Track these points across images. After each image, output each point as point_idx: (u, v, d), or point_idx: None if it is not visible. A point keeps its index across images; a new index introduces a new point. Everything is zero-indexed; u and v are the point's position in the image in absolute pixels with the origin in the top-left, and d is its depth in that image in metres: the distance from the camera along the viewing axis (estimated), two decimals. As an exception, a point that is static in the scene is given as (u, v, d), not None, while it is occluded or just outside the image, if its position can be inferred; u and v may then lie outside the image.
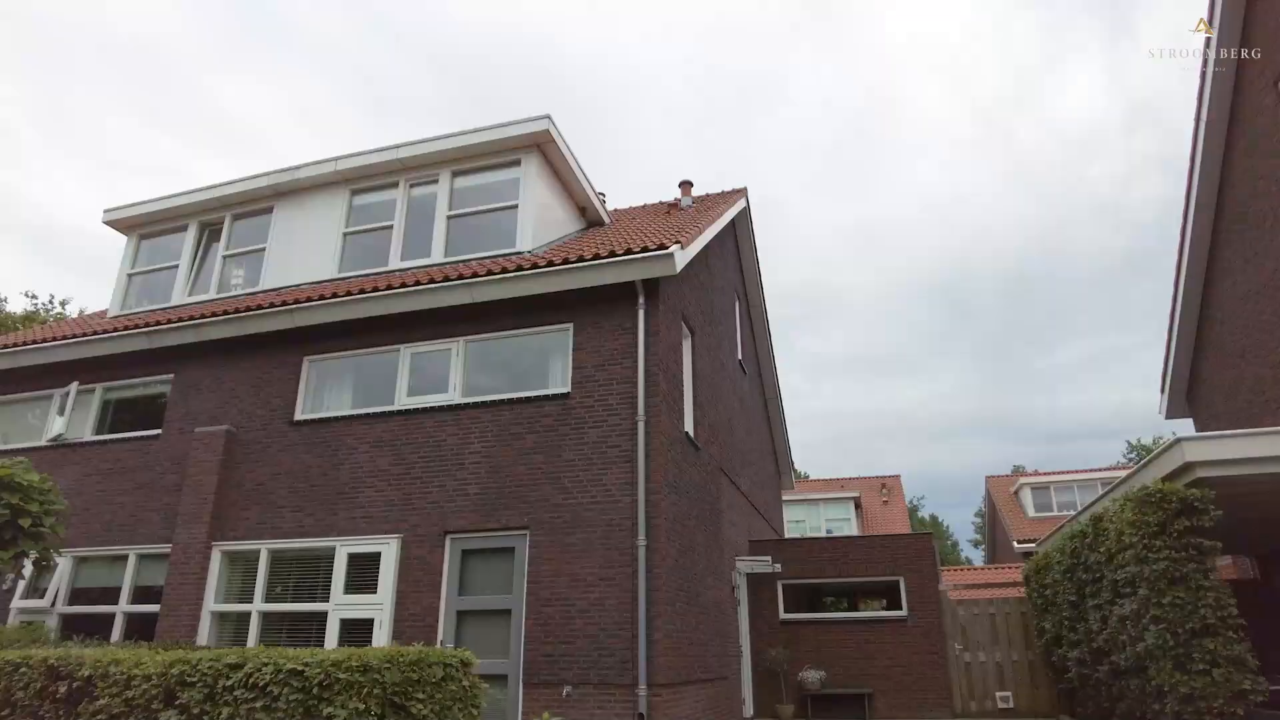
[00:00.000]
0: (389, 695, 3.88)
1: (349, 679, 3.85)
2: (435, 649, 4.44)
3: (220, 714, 4.15)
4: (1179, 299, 13.64)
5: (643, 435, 8.74)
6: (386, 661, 3.97)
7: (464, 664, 4.60)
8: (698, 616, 9.81)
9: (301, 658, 4.08)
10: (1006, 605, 13.37)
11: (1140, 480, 7.43)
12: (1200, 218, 12.69)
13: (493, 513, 9.09)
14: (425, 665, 4.16)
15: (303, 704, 3.91)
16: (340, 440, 10.17)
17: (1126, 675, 7.80)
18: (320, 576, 9.64)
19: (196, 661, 4.38)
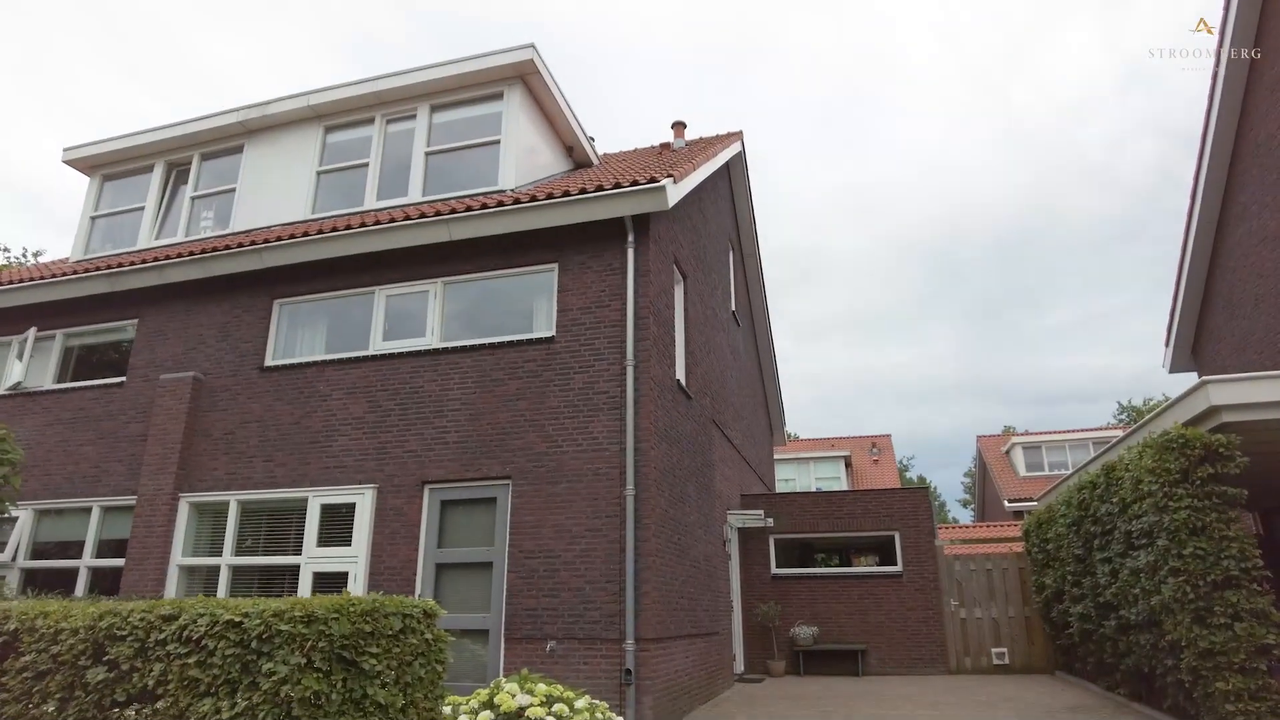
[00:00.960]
0: (336, 649, 3.42)
1: (291, 631, 3.38)
2: (393, 598, 3.98)
3: (152, 670, 3.68)
4: (1189, 247, 13.15)
5: (631, 381, 8.25)
6: (334, 611, 3.51)
7: (427, 615, 4.14)
8: (688, 570, 9.43)
9: (241, 608, 3.61)
10: (1004, 561, 13.09)
11: (1160, 425, 7.00)
12: (1216, 160, 12.14)
13: (473, 462, 8.61)
14: (380, 616, 3.69)
15: (240, 659, 3.45)
16: (313, 387, 9.64)
17: (1137, 630, 7.47)
18: (292, 529, 9.18)
19: (127, 614, 3.90)
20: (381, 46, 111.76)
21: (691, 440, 10.25)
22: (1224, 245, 12.58)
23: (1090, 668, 9.89)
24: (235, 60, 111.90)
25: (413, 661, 3.86)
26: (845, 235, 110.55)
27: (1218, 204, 12.46)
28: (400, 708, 3.67)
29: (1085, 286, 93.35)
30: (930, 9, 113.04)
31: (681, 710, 8.57)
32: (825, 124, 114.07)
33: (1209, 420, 6.53)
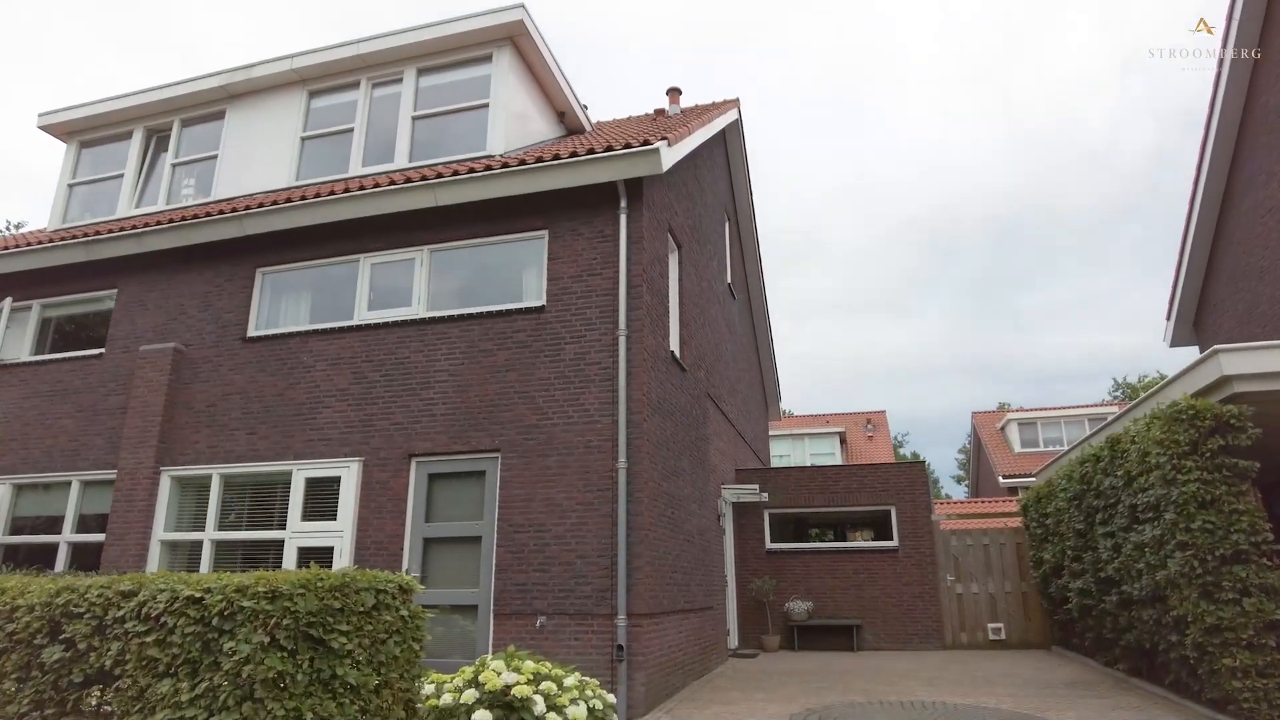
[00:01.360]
0: (302, 627, 3.20)
1: (254, 608, 3.16)
2: (365, 572, 3.75)
3: (110, 649, 3.46)
4: (1193, 218, 12.90)
5: (624, 352, 8.00)
6: (300, 587, 3.28)
7: (403, 590, 3.91)
8: (681, 545, 9.25)
9: (204, 583, 3.38)
10: (1001, 536, 12.97)
11: (1169, 396, 6.79)
12: (1224, 130, 11.85)
13: (461, 434, 8.38)
14: (350, 591, 3.47)
15: (200, 637, 3.22)
16: (296, 358, 9.37)
17: (1139, 605, 7.32)
18: (276, 503, 8.96)
19: (85, 590, 3.67)
20: (368, 15, 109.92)
21: (685, 413, 10.03)
22: (1229, 217, 12.34)
23: (1089, 643, 9.78)
24: (217, 28, 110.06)
25: (387, 639, 3.65)
26: (838, 216, 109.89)
27: (1224, 175, 12.20)
28: (374, 688, 3.46)
29: (1079, 266, 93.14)
30: None
31: (675, 686, 8.43)
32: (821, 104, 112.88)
33: (1220, 390, 6.32)
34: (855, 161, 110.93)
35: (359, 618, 3.48)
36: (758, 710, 7.34)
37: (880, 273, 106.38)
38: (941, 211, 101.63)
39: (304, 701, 3.10)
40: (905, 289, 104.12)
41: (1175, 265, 13.78)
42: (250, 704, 3.03)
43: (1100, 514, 8.12)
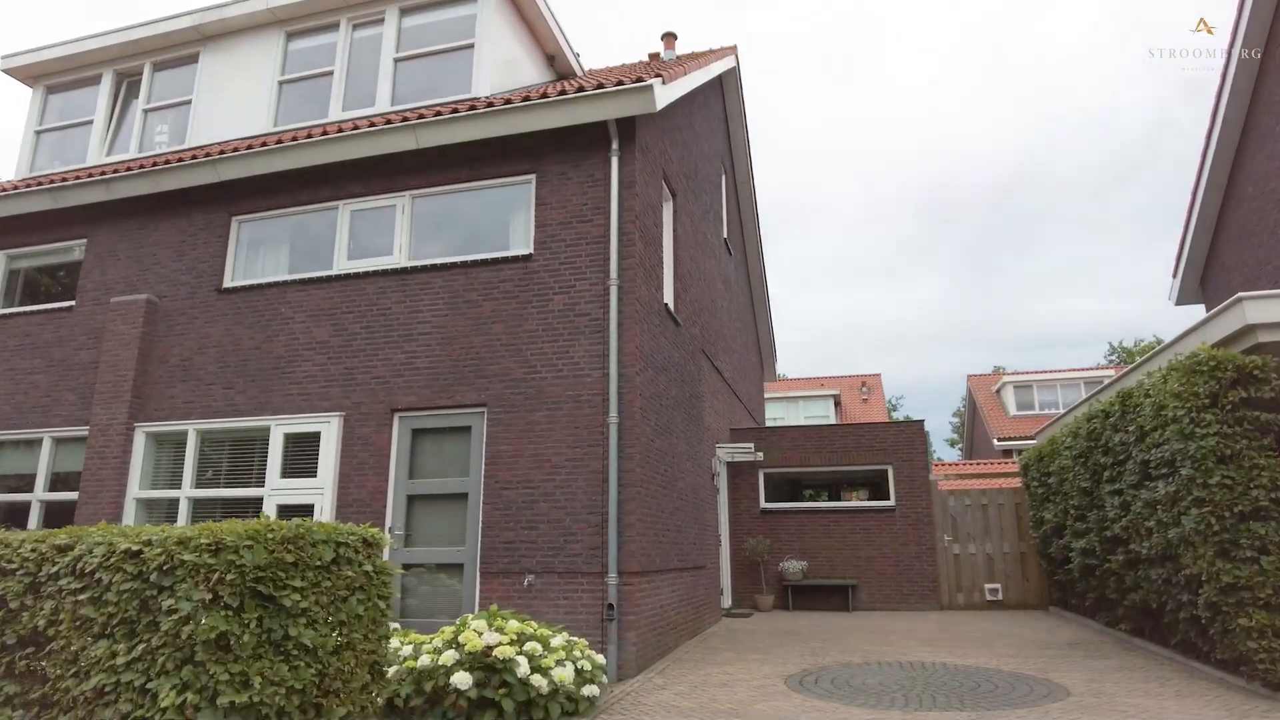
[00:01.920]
0: (249, 582, 2.88)
1: (195, 561, 2.83)
2: (324, 523, 3.43)
3: (43, 609, 3.15)
4: (1204, 173, 12.48)
5: (615, 302, 7.63)
6: (248, 538, 2.95)
7: (367, 544, 3.59)
8: (675, 503, 8.98)
9: (144, 535, 3.06)
10: (1000, 496, 12.76)
11: (1187, 346, 6.47)
12: (1240, 81, 11.38)
13: (445, 389, 8.04)
14: (306, 544, 3.14)
15: (137, 594, 2.90)
16: (274, 309, 8.98)
17: (1148, 564, 7.08)
18: (255, 459, 8.64)
19: (18, 544, 3.35)
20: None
21: (679, 369, 9.70)
22: (1241, 173, 11.93)
23: (1089, 604, 9.60)
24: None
25: (349, 597, 3.34)
26: (833, 182, 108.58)
27: (1238, 130, 11.76)
28: (333, 650, 3.16)
29: (1075, 232, 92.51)
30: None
31: (667, 646, 8.22)
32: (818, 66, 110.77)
33: (1243, 340, 6.00)
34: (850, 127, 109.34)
35: (316, 573, 3.16)
36: (752, 671, 7.13)
37: (875, 239, 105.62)
38: (937, 177, 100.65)
39: (251, 665, 2.79)
40: (900, 255, 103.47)
41: (1184, 221, 13.41)
42: (191, 668, 2.73)
43: (1108, 471, 7.85)
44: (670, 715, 5.43)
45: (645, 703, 5.86)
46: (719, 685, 6.48)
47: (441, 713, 4.57)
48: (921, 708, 5.50)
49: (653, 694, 6.17)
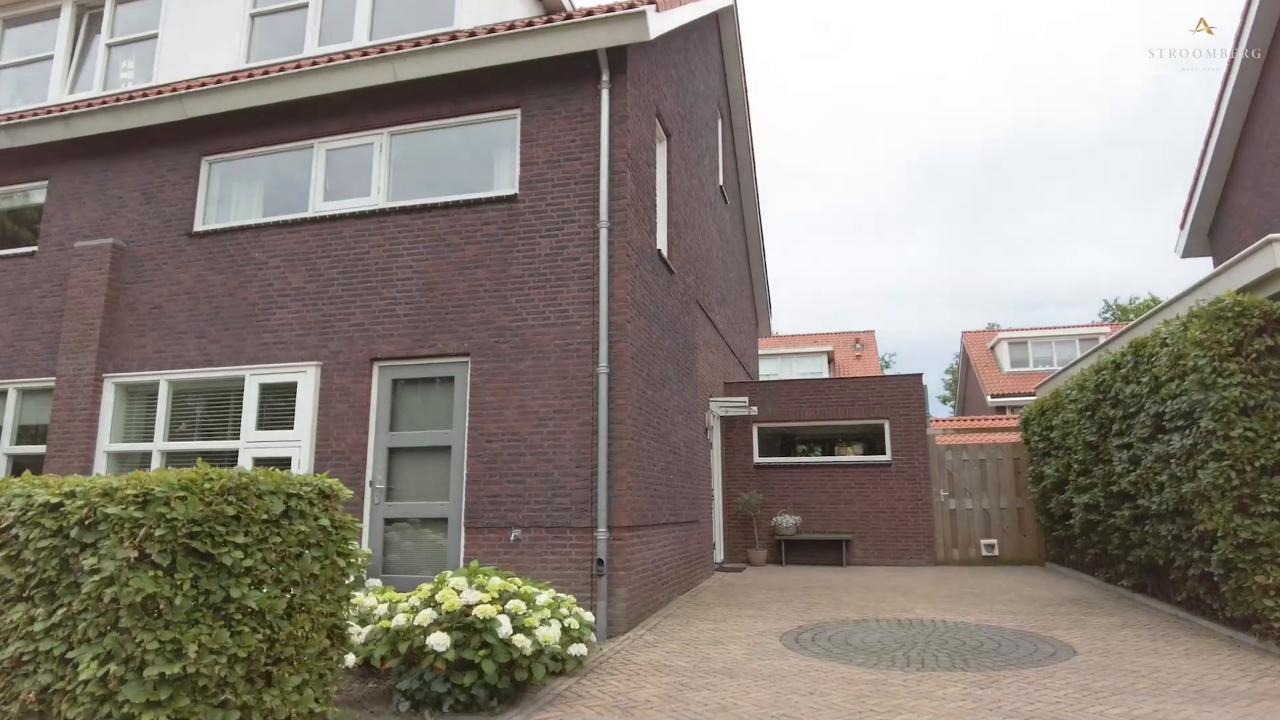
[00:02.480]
0: (182, 538, 2.55)
1: (120, 515, 2.49)
2: (273, 472, 3.09)
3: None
4: (1219, 120, 12.02)
5: (605, 245, 7.22)
6: (181, 489, 2.61)
7: (324, 496, 3.25)
8: (667, 456, 8.69)
9: (67, 485, 2.71)
10: (998, 451, 12.54)
11: (1211, 291, 6.13)
12: (1262, 21, 10.86)
13: (427, 337, 7.66)
14: (250, 496, 2.79)
15: (57, 552, 2.57)
16: (247, 254, 8.54)
17: (1157, 520, 6.84)
18: (230, 411, 8.28)
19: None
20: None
21: (673, 319, 9.33)
22: (1258, 117, 11.48)
23: (1089, 560, 9.42)
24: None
25: (302, 554, 3.01)
26: (828, 143, 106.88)
27: (1257, 71, 11.28)
28: (284, 613, 2.85)
29: (1069, 193, 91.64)
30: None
31: (658, 602, 8.01)
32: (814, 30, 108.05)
33: (1271, 285, 5.66)
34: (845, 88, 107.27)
35: (262, 528, 2.82)
36: (746, 628, 6.91)
37: (870, 199, 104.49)
38: (931, 138, 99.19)
39: (186, 631, 2.47)
40: (895, 215, 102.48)
41: (1195, 170, 12.98)
42: (115, 635, 2.41)
43: (1116, 425, 7.57)
44: (661, 675, 5.19)
45: (635, 661, 5.62)
46: (712, 643, 6.25)
47: (419, 675, 4.30)
48: (924, 668, 5.27)
49: (643, 652, 5.94)
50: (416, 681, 4.29)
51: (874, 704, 4.41)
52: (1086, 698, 4.47)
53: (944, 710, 4.25)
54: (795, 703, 4.47)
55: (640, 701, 4.55)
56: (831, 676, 5.08)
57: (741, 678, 5.08)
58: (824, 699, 4.53)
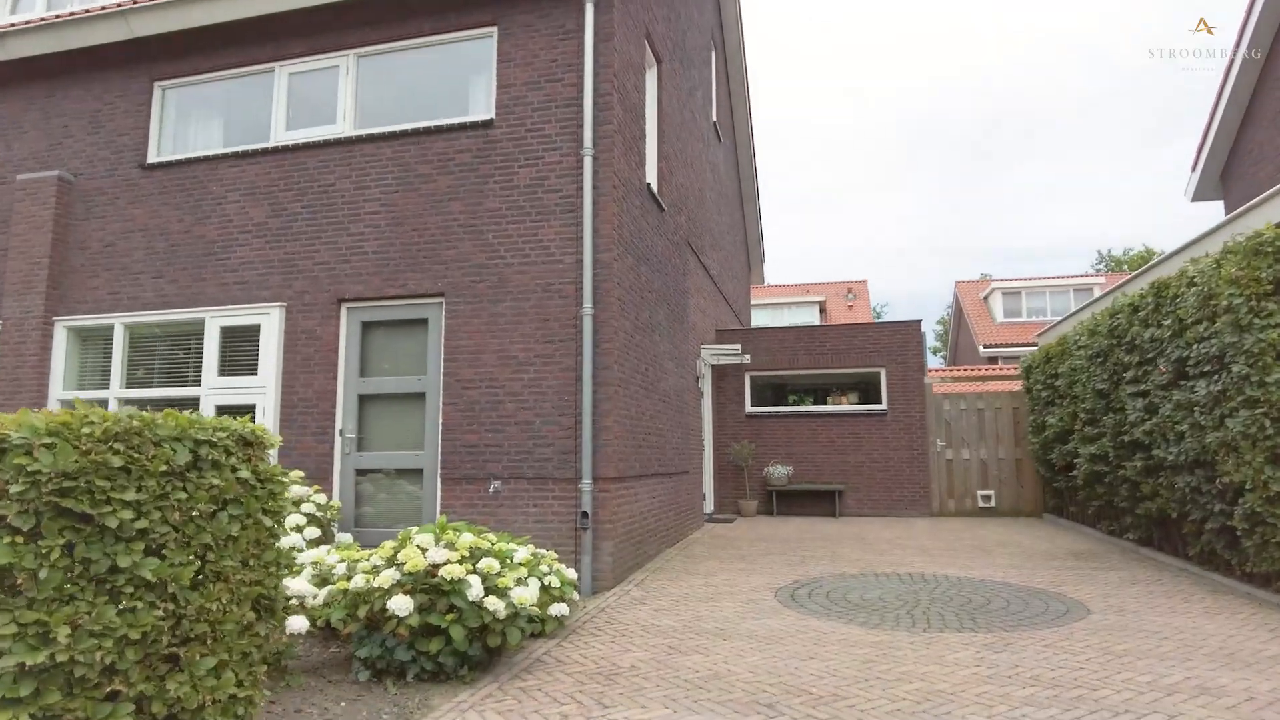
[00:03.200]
0: (49, 495, 2.08)
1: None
2: (180, 415, 2.60)
3: None
4: (1239, 54, 11.39)
5: (590, 176, 6.65)
6: (49, 435, 2.14)
7: (246, 444, 2.76)
8: (656, 405, 8.26)
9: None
10: (997, 400, 12.18)
11: (1247, 225, 5.66)
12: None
13: (397, 276, 7.12)
14: (144, 443, 2.30)
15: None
16: (205, 188, 7.92)
17: (1173, 471, 6.47)
18: (190, 356, 7.76)
19: None
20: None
21: (663, 260, 8.80)
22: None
23: (1092, 512, 9.12)
24: None
25: (217, 513, 2.55)
26: (823, 98, 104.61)
27: (1279, 8, 10.64)
28: (192, 583, 2.39)
29: (1060, 148, 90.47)
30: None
31: (646, 555, 7.65)
32: None
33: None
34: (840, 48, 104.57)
35: (161, 481, 2.34)
36: (739, 583, 6.56)
37: (864, 155, 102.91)
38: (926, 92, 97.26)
39: (55, 610, 2.02)
40: (888, 171, 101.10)
41: (1210, 108, 12.39)
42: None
43: (1131, 371, 7.16)
44: (649, 637, 4.82)
45: (621, 620, 5.25)
46: (703, 599, 5.90)
47: (380, 641, 3.89)
48: (930, 628, 4.92)
49: (630, 610, 5.57)
50: (378, 648, 3.89)
51: (881, 670, 4.04)
52: (1110, 662, 4.11)
53: (958, 678, 3.89)
54: (795, 669, 4.10)
55: (625, 667, 4.17)
56: (832, 638, 4.72)
57: (735, 639, 4.71)
58: (826, 664, 4.16)
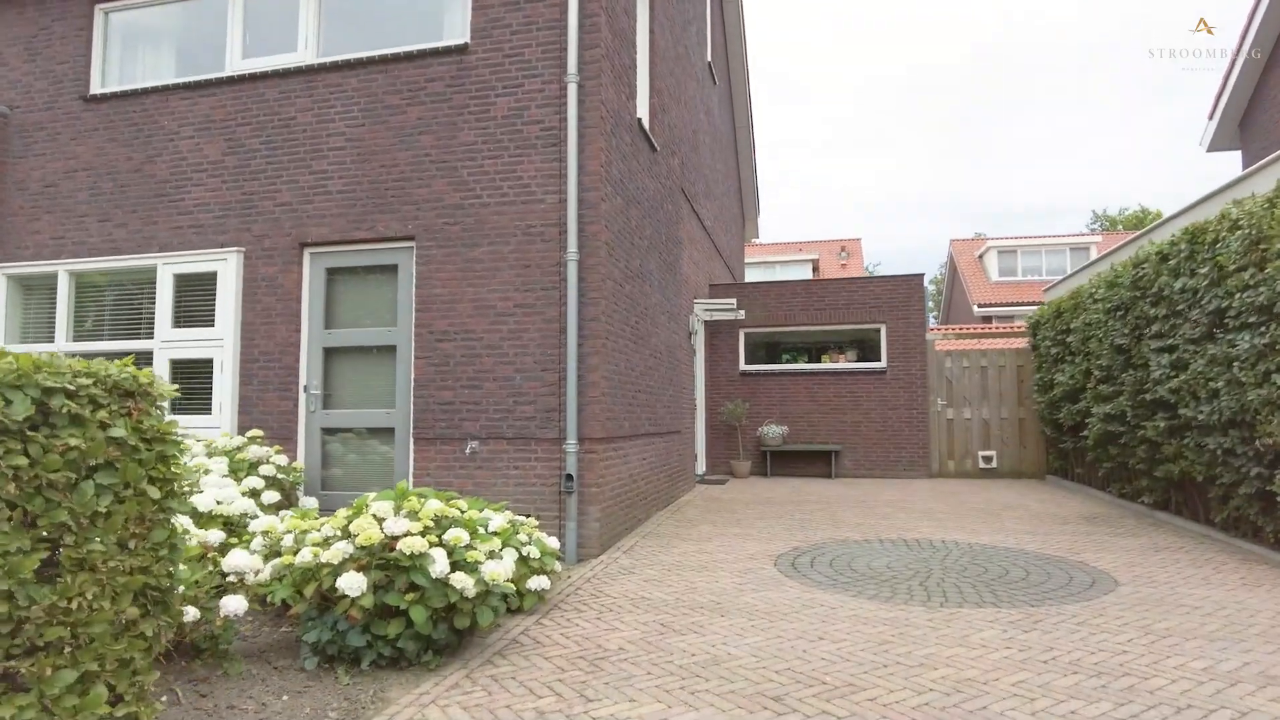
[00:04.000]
0: None
1: None
2: (21, 355, 2.07)
3: None
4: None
5: (575, 106, 6.02)
6: None
7: (124, 394, 2.20)
8: (647, 360, 7.74)
9: None
10: (1001, 358, 11.72)
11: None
12: None
13: (365, 218, 6.51)
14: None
15: None
16: (155, 122, 7.23)
17: (1203, 431, 6.02)
18: (143, 306, 7.16)
19: None
20: None
21: (655, 205, 8.20)
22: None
23: (1102, 474, 8.73)
24: None
25: (79, 483, 2.03)
26: (818, 55, 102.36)
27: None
28: (38, 576, 1.87)
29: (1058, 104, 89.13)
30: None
31: (636, 519, 7.20)
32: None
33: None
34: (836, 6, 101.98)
35: None
36: (735, 549, 6.11)
37: (857, 110, 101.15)
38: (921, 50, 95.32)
39: None
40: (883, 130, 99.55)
41: (1231, 56, 11.76)
42: None
43: (1157, 325, 6.67)
44: (639, 612, 4.36)
45: (608, 593, 4.79)
46: (696, 568, 5.45)
47: (331, 623, 3.40)
48: (948, 602, 4.48)
49: (618, 580, 5.12)
50: (328, 632, 3.40)
51: (900, 653, 3.59)
52: (1155, 644, 3.68)
53: (987, 663, 3.45)
54: (803, 652, 3.64)
55: (612, 650, 3.71)
56: (841, 614, 4.27)
57: (734, 615, 4.26)
58: (837, 646, 3.71)
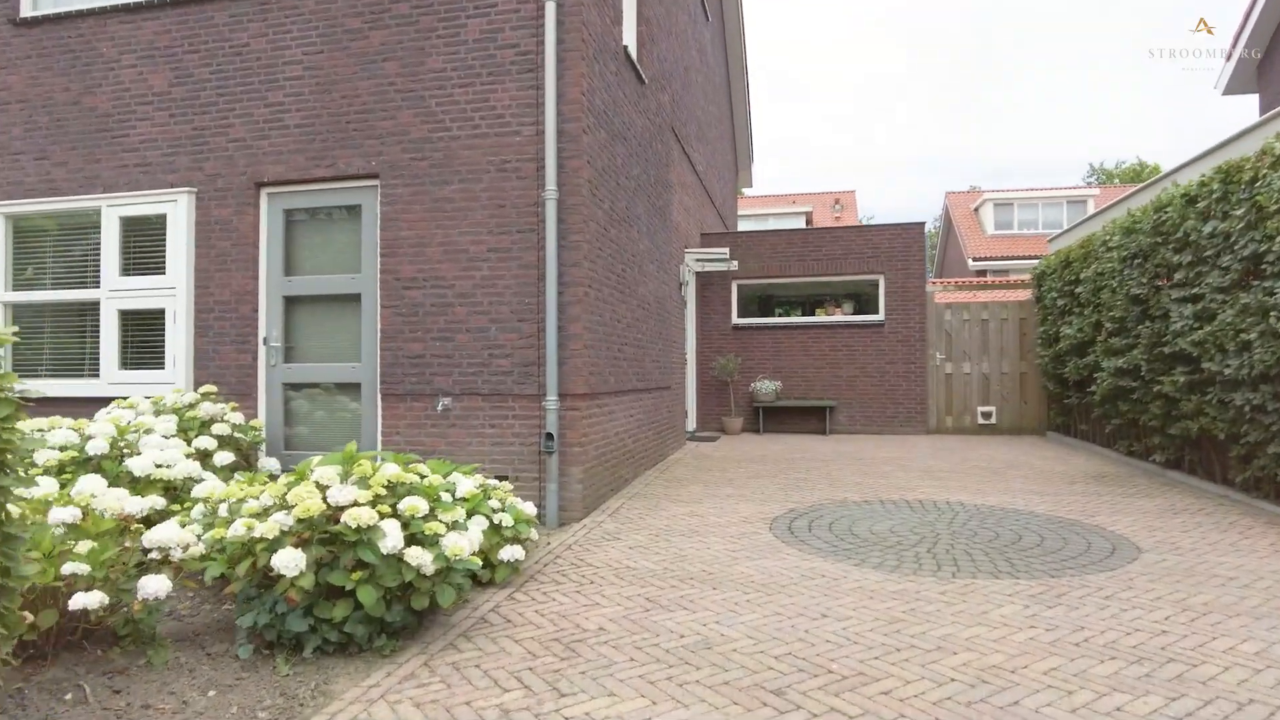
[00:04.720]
0: None
1: None
2: None
3: None
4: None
5: (553, 27, 5.44)
6: None
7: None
8: (634, 311, 7.26)
9: None
10: (1004, 310, 11.29)
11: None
12: None
13: (325, 154, 5.95)
14: None
15: None
16: (93, 49, 6.59)
17: (1229, 386, 5.63)
18: (88, 252, 6.61)
19: None
20: None
21: (643, 143, 7.63)
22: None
23: (1109, 431, 8.38)
24: None
25: None
26: (814, 10, 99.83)
27: None
28: None
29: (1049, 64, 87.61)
30: None
31: (622, 479, 6.81)
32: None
33: None
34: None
35: None
36: (727, 512, 5.73)
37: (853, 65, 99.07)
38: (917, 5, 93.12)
39: None
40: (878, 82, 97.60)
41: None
42: None
43: (1181, 273, 6.23)
44: (622, 584, 3.96)
45: (590, 562, 4.40)
46: (686, 533, 5.06)
47: (269, 605, 2.98)
48: (960, 572, 4.10)
49: (601, 547, 4.72)
50: (266, 614, 2.98)
51: (913, 634, 3.21)
52: (1196, 622, 3.31)
53: (1012, 645, 3.07)
54: (805, 631, 3.26)
55: (592, 630, 3.31)
56: (845, 586, 3.89)
57: (727, 587, 3.87)
58: (843, 625, 3.33)
